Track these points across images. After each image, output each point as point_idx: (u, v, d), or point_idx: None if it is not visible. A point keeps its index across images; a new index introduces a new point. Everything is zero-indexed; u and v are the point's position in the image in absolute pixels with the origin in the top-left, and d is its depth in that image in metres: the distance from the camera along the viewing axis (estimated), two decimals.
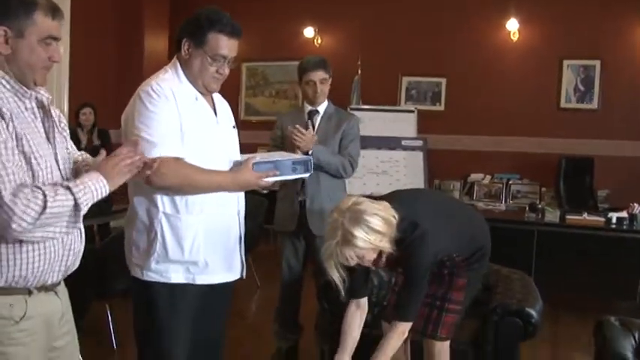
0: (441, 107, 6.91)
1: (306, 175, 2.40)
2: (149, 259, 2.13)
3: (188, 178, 2.08)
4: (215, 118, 2.24)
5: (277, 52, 7.40)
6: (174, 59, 2.21)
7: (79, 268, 1.87)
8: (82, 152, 2.04)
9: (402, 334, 2.27)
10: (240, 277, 2.34)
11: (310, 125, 3.37)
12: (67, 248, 1.75)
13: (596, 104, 6.43)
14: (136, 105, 2.07)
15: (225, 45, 2.13)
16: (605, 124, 6.34)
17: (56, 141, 1.79)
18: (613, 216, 4.72)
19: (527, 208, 5.16)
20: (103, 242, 4.11)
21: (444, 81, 6.91)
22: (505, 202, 6.01)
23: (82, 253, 1.85)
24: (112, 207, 4.53)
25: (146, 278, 2.15)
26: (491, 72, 6.68)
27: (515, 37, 6.61)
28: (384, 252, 2.18)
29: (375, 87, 6.69)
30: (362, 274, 2.39)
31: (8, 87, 1.67)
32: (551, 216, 4.89)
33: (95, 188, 1.67)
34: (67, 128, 1.92)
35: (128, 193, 2.19)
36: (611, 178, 6.16)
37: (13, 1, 1.63)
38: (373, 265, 2.27)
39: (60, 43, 1.75)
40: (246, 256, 2.39)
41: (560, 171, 6.04)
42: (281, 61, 7.44)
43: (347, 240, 2.09)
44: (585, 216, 4.82)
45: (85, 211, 1.66)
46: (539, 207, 5.09)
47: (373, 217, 2.10)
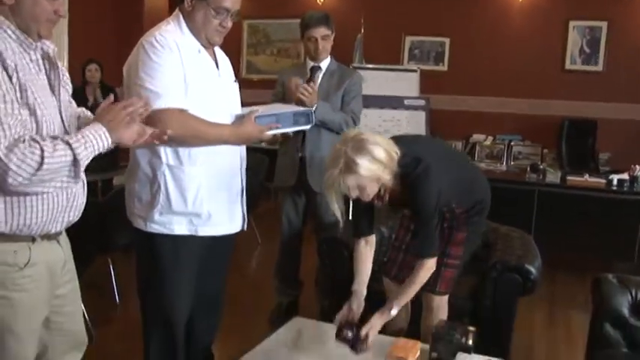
0: (444, 67, 6.85)
1: (307, 126, 2.40)
2: (152, 211, 2.13)
3: (192, 130, 2.07)
4: (217, 72, 2.23)
5: (279, 9, 7.29)
6: (176, 11, 2.18)
7: (82, 222, 1.88)
8: (83, 109, 2.02)
9: (429, 269, 2.28)
10: (241, 229, 2.35)
11: (313, 83, 3.32)
12: (70, 200, 1.76)
13: (601, 66, 6.36)
14: (140, 55, 2.04)
15: None
16: (610, 87, 6.28)
17: (60, 94, 1.78)
18: (614, 178, 4.73)
19: (528, 169, 5.16)
20: (105, 197, 4.12)
21: (447, 41, 6.82)
22: (506, 163, 6.01)
23: (84, 205, 1.86)
24: (119, 163, 4.52)
25: (149, 230, 2.16)
26: (496, 32, 6.59)
27: None
28: (386, 186, 2.18)
29: (377, 46, 6.60)
30: (366, 214, 2.41)
31: (14, 37, 1.64)
32: (553, 177, 4.89)
33: (97, 141, 1.65)
34: (69, 82, 1.90)
35: None
36: (613, 141, 6.14)
37: None
38: (376, 201, 2.28)
39: None
40: (248, 211, 2.40)
41: (563, 133, 6.02)
42: (283, 19, 7.34)
43: (349, 168, 2.07)
44: (586, 177, 4.83)
45: (84, 165, 1.65)
46: (541, 168, 5.09)
47: (376, 147, 2.09)
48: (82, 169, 1.66)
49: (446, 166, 2.30)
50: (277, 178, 3.50)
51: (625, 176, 4.74)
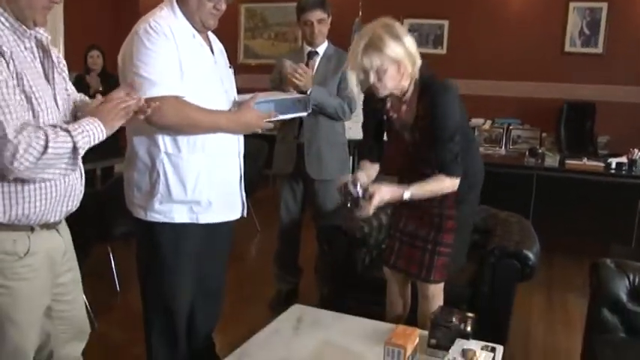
0: (443, 51, 6.80)
1: (304, 113, 2.40)
2: (152, 200, 2.13)
3: (189, 118, 2.06)
4: (212, 57, 2.22)
5: None
6: None
7: (81, 211, 1.89)
8: (82, 94, 2.02)
9: (447, 187, 2.20)
10: (241, 215, 2.36)
11: (309, 66, 3.28)
12: (68, 189, 1.77)
13: (601, 49, 6.31)
14: (134, 43, 2.03)
15: None
16: (609, 70, 6.24)
17: (55, 82, 1.78)
18: (612, 161, 4.72)
19: (526, 153, 5.15)
20: (104, 185, 4.12)
21: (446, 23, 6.77)
22: (505, 147, 5.99)
23: (82, 194, 1.87)
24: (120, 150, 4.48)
25: (150, 219, 2.16)
26: (495, 15, 6.54)
27: None
28: (403, 87, 2.18)
29: None
30: (375, 138, 2.41)
31: (7, 25, 1.65)
32: (551, 160, 4.89)
33: (93, 133, 1.67)
34: (66, 69, 1.90)
35: (126, 133, 2.17)
36: (612, 124, 6.11)
37: None
38: (390, 112, 2.26)
39: None
40: (247, 197, 2.40)
41: (562, 116, 6.00)
42: (280, 2, 7.28)
43: (375, 44, 2.05)
44: (585, 161, 4.83)
45: (82, 154, 1.68)
46: (539, 152, 5.08)
47: (407, 36, 2.10)
48: (80, 157, 1.69)
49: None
50: (275, 166, 3.50)
51: (623, 159, 4.74)
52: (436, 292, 2.45)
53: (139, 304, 2.36)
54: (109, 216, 3.42)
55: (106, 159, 4.65)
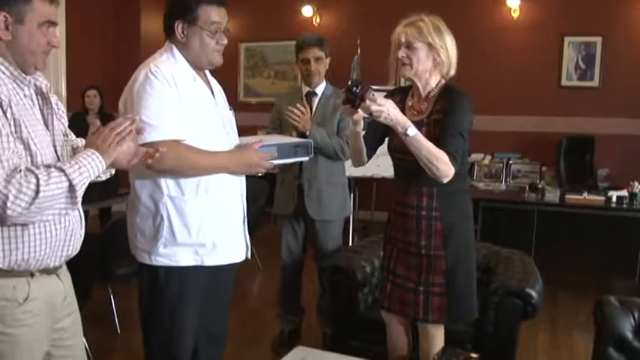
0: None
1: (306, 158, 2.40)
2: (156, 244, 2.12)
3: (188, 161, 2.07)
4: (213, 99, 2.24)
5: (275, 32, 7.34)
6: (166, 43, 2.18)
7: (81, 254, 1.88)
8: (81, 139, 2.03)
9: (443, 162, 2.14)
10: (245, 257, 2.34)
11: (308, 107, 3.27)
12: (68, 233, 1.77)
13: (597, 82, 6.40)
14: (135, 88, 2.05)
15: (217, 14, 2.12)
16: (606, 102, 6.31)
17: (54, 128, 1.79)
18: (613, 195, 4.71)
19: (527, 188, 5.16)
20: (104, 227, 4.11)
21: None
22: (505, 181, 6.01)
23: (82, 237, 1.86)
24: (118, 190, 4.50)
25: (155, 263, 2.14)
26: (492, 50, 6.63)
27: (515, 14, 6.56)
28: (430, 78, 2.30)
29: (375, 66, 6.54)
30: (376, 138, 2.46)
31: (7, 73, 1.68)
32: (552, 195, 4.88)
33: (91, 166, 1.65)
34: (65, 115, 1.92)
35: (129, 177, 2.18)
36: (611, 157, 6.15)
37: None
38: (412, 108, 2.32)
39: (56, 28, 1.75)
40: (250, 238, 2.39)
41: (561, 150, 6.02)
42: (279, 41, 7.39)
43: (416, 23, 2.24)
44: (585, 195, 4.81)
45: (82, 191, 1.66)
46: (540, 187, 5.08)
47: (449, 35, 2.28)
48: (80, 194, 1.66)
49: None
50: (276, 206, 3.50)
51: (624, 193, 4.72)
52: (437, 333, 2.42)
53: (139, 346, 2.32)
54: (110, 258, 3.41)
55: (103, 200, 4.64)
